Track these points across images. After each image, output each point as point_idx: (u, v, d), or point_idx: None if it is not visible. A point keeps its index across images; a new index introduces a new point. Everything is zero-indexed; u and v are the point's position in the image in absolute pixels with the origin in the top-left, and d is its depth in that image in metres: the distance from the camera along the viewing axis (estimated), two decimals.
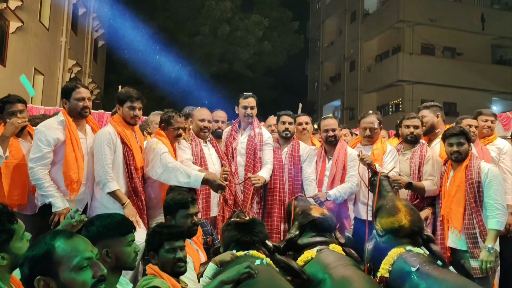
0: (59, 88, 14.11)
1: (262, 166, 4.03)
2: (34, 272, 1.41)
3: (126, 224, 2.00)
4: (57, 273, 1.42)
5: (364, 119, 4.02)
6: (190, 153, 3.76)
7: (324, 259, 2.76)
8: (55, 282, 1.41)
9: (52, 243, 1.46)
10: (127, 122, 3.42)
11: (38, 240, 1.49)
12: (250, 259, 2.46)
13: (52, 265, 1.42)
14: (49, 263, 1.42)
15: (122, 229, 1.96)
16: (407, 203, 3.09)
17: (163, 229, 2.37)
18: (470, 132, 3.64)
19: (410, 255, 2.67)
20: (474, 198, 3.26)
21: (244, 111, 4.13)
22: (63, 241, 1.47)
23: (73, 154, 3.14)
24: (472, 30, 21.31)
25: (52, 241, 1.47)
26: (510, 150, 4.18)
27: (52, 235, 1.50)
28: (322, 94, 28.34)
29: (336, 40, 27.26)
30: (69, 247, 1.46)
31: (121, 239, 1.94)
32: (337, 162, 3.93)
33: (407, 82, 20.66)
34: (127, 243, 1.97)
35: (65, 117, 3.23)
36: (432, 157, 3.77)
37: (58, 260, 1.43)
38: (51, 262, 1.42)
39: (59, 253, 1.44)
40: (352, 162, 3.91)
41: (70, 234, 1.54)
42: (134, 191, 3.31)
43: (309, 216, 3.16)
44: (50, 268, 1.42)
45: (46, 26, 13.09)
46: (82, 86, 3.35)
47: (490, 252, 3.11)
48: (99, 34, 18.80)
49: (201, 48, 18.88)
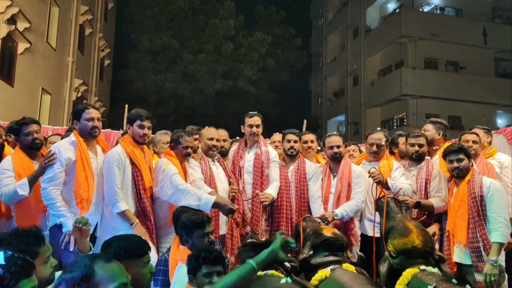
0: (66, 107, 14.29)
1: (269, 183, 4.07)
2: None
3: (142, 246, 2.04)
4: None
5: (371, 135, 4.06)
6: (200, 172, 3.80)
7: (339, 278, 2.78)
8: None
9: (92, 266, 1.50)
10: (136, 141, 3.49)
11: (76, 262, 1.53)
12: (272, 278, 2.50)
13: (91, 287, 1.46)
14: (87, 286, 1.47)
15: (139, 250, 2.00)
16: (417, 224, 3.13)
17: (202, 253, 2.37)
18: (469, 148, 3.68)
19: (425, 274, 2.69)
20: (477, 212, 3.30)
21: (250, 129, 4.19)
22: (102, 265, 1.52)
23: (83, 173, 3.22)
24: (474, 44, 21.44)
25: (92, 264, 1.51)
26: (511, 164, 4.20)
27: (92, 258, 1.55)
28: (326, 109, 28.44)
29: (339, 56, 27.48)
30: (107, 272, 1.51)
31: (138, 261, 1.97)
32: (342, 179, 3.96)
33: (411, 96, 20.71)
34: (144, 264, 2.00)
35: (76, 137, 3.32)
36: (439, 174, 3.80)
37: (97, 283, 1.48)
38: (90, 285, 1.47)
39: (98, 276, 1.49)
40: (357, 179, 3.93)
41: (108, 259, 1.59)
42: (143, 211, 3.35)
43: (322, 236, 3.19)
44: None
45: (53, 47, 13.32)
46: (92, 107, 3.45)
47: (494, 265, 3.13)
48: (105, 53, 19.09)
49: (205, 65, 19.09)
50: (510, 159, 4.32)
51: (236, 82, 19.49)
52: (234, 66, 19.51)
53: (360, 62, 24.25)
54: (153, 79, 19.31)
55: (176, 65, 20.00)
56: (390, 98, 21.61)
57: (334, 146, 4.03)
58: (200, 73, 18.97)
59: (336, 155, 4.03)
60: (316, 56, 30.10)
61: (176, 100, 20.16)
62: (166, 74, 19.39)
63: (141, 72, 19.66)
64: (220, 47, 19.13)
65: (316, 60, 30.31)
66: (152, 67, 19.74)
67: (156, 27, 19.45)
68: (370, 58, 23.83)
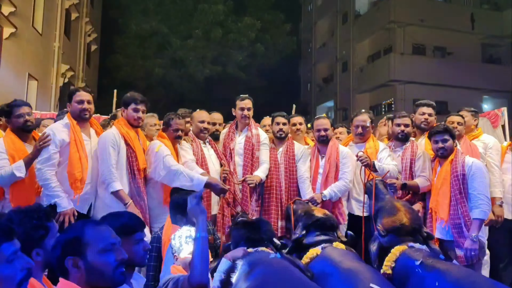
0: (53, 93, 14.13)
1: (259, 165, 4.15)
2: (65, 253, 1.60)
3: (133, 223, 2.10)
4: (85, 254, 1.61)
5: (356, 117, 4.17)
6: (192, 154, 3.87)
7: (329, 255, 2.90)
8: (83, 262, 1.60)
9: (83, 228, 1.65)
10: (130, 124, 3.55)
11: (69, 226, 1.71)
12: (262, 254, 2.60)
13: (81, 247, 1.61)
14: (78, 245, 1.61)
15: (129, 228, 2.06)
16: (404, 203, 3.26)
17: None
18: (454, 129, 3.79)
19: (413, 250, 2.81)
20: (459, 190, 3.43)
21: (241, 112, 4.25)
22: (91, 227, 1.67)
23: (77, 154, 3.28)
24: (462, 29, 21.55)
25: (82, 226, 1.67)
26: (496, 145, 4.34)
27: (82, 222, 1.73)
28: (315, 95, 28.49)
29: (328, 41, 27.43)
30: (96, 233, 1.66)
31: (129, 238, 2.03)
32: (330, 160, 4.06)
33: (399, 82, 20.85)
34: (135, 241, 2.06)
35: (70, 119, 3.39)
36: (423, 154, 3.92)
37: (87, 243, 1.62)
38: (80, 245, 1.61)
39: (87, 237, 1.63)
40: (344, 160, 4.04)
41: (97, 223, 1.76)
42: (137, 192, 3.41)
43: (313, 216, 3.30)
44: (79, 250, 1.61)
45: (39, 32, 13.11)
46: (84, 90, 3.51)
47: (474, 241, 3.27)
48: (92, 38, 18.81)
49: (194, 51, 18.96)
50: (494, 140, 4.46)
51: (225, 67, 19.42)
52: (223, 51, 19.42)
53: (349, 48, 24.26)
54: (141, 64, 19.16)
55: (165, 51, 19.82)
56: (378, 83, 21.73)
57: (322, 129, 4.13)
58: (189, 58, 18.87)
59: (323, 137, 4.12)
60: (306, 42, 29.99)
61: (165, 86, 20.03)
62: (155, 60, 19.23)
63: (129, 57, 19.47)
64: (209, 32, 19.01)
65: (305, 45, 30.22)
66: (140, 52, 19.55)
67: (144, 12, 19.22)
68: (359, 44, 23.84)
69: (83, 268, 1.59)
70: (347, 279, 2.51)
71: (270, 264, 2.46)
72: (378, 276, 2.55)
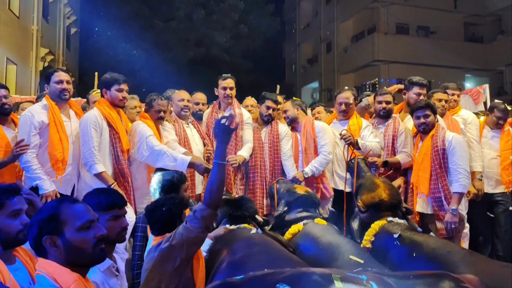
0: (33, 77, 13.83)
1: (243, 144, 4.16)
2: (42, 232, 1.57)
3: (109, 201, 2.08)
4: (63, 232, 1.58)
5: (340, 95, 4.21)
6: (174, 134, 3.85)
7: (310, 230, 2.97)
8: (61, 241, 1.57)
9: (58, 206, 1.62)
10: (115, 104, 3.51)
11: (45, 205, 1.66)
12: (244, 230, 2.63)
13: (58, 226, 1.58)
14: (55, 224, 1.58)
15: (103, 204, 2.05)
16: (384, 180, 3.33)
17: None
18: (435, 105, 3.85)
19: (391, 224, 2.88)
20: (439, 164, 3.50)
21: (223, 92, 4.24)
22: (67, 206, 1.64)
23: (57, 135, 3.26)
24: (444, 8, 21.62)
25: (58, 205, 1.63)
26: (474, 120, 4.43)
27: (58, 201, 1.68)
28: (300, 76, 28.43)
29: (312, 22, 27.27)
30: (73, 210, 1.63)
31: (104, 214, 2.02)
32: (306, 136, 4.12)
33: (383, 62, 20.93)
34: (111, 218, 2.05)
35: (48, 101, 3.35)
36: (405, 130, 3.98)
37: (64, 221, 1.59)
38: (58, 223, 1.58)
39: (64, 215, 1.60)
40: (321, 133, 4.08)
41: (74, 201, 1.71)
42: (121, 173, 3.41)
43: (295, 194, 3.37)
44: (57, 228, 1.58)
45: (16, 14, 12.73)
46: (62, 70, 3.49)
47: (453, 214, 3.35)
48: (71, 21, 18.33)
49: (177, 33, 18.68)
50: (473, 115, 4.56)
51: (209, 50, 19.20)
52: (207, 33, 19.16)
53: (333, 28, 24.18)
54: (123, 47, 18.80)
55: (147, 33, 19.47)
56: (362, 64, 21.78)
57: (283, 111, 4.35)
58: (172, 41, 18.58)
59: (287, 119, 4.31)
60: (290, 23, 29.76)
61: (148, 69, 19.75)
62: (137, 42, 18.89)
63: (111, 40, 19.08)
64: (191, 14, 18.70)
65: (289, 26, 30.00)
66: (121, 35, 19.16)
67: None
68: (343, 24, 23.77)
69: (61, 246, 1.57)
70: (327, 252, 2.57)
71: (250, 239, 2.50)
72: (358, 249, 2.61)
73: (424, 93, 4.13)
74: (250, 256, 2.23)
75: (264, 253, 2.28)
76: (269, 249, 2.37)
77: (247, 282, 1.50)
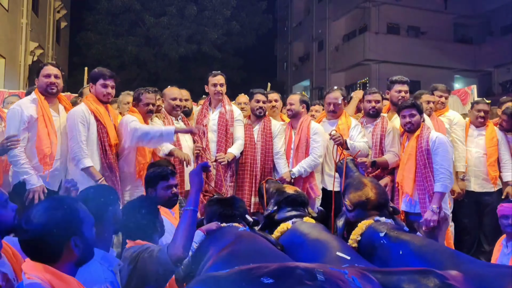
0: (22, 71, 13.67)
1: (233, 142, 4.17)
2: (67, 233, 1.52)
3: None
4: (82, 231, 1.57)
5: (328, 95, 4.25)
6: None
7: (299, 228, 2.99)
8: (80, 240, 1.55)
9: (75, 206, 1.59)
10: (99, 100, 3.50)
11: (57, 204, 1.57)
12: (232, 228, 2.67)
13: (78, 225, 1.56)
14: (76, 224, 1.56)
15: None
16: (372, 179, 3.35)
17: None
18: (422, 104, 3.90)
19: (378, 223, 2.90)
20: (424, 164, 3.54)
21: (213, 88, 4.24)
22: (81, 204, 1.63)
23: (45, 130, 3.23)
24: (435, 9, 21.82)
25: (74, 204, 1.60)
26: (460, 121, 4.51)
27: (71, 200, 1.67)
28: (291, 74, 28.49)
29: (305, 20, 27.32)
30: (84, 208, 1.62)
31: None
32: (301, 135, 4.14)
33: (374, 61, 21.05)
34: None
35: (37, 95, 3.32)
36: (392, 130, 4.03)
37: (82, 220, 1.58)
38: (78, 222, 1.56)
39: (82, 214, 1.59)
40: (315, 135, 4.11)
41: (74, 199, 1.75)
42: (109, 167, 3.41)
43: (284, 193, 3.38)
44: (77, 228, 1.56)
45: (5, 7, 12.57)
46: (51, 64, 3.46)
47: (433, 212, 3.41)
48: (61, 15, 18.17)
49: (168, 28, 18.57)
50: (459, 116, 4.64)
51: (200, 46, 19.13)
52: (198, 29, 19.07)
53: (325, 27, 24.25)
54: (114, 42, 18.63)
55: (138, 28, 19.33)
56: (353, 63, 21.88)
57: (289, 103, 4.29)
58: (163, 36, 18.47)
59: (289, 112, 4.29)
60: (282, 21, 29.78)
61: (139, 64, 19.62)
62: (128, 38, 18.73)
63: (101, 35, 18.89)
64: (183, 9, 18.61)
65: (281, 24, 30.01)
66: (112, 29, 18.97)
67: None
68: (335, 22, 23.84)
69: (81, 246, 1.54)
70: (315, 249, 2.60)
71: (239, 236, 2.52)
72: (345, 246, 2.64)
73: (405, 89, 4.13)
74: (237, 251, 2.25)
75: (252, 250, 2.30)
76: (257, 245, 2.40)
77: (232, 276, 1.52)
